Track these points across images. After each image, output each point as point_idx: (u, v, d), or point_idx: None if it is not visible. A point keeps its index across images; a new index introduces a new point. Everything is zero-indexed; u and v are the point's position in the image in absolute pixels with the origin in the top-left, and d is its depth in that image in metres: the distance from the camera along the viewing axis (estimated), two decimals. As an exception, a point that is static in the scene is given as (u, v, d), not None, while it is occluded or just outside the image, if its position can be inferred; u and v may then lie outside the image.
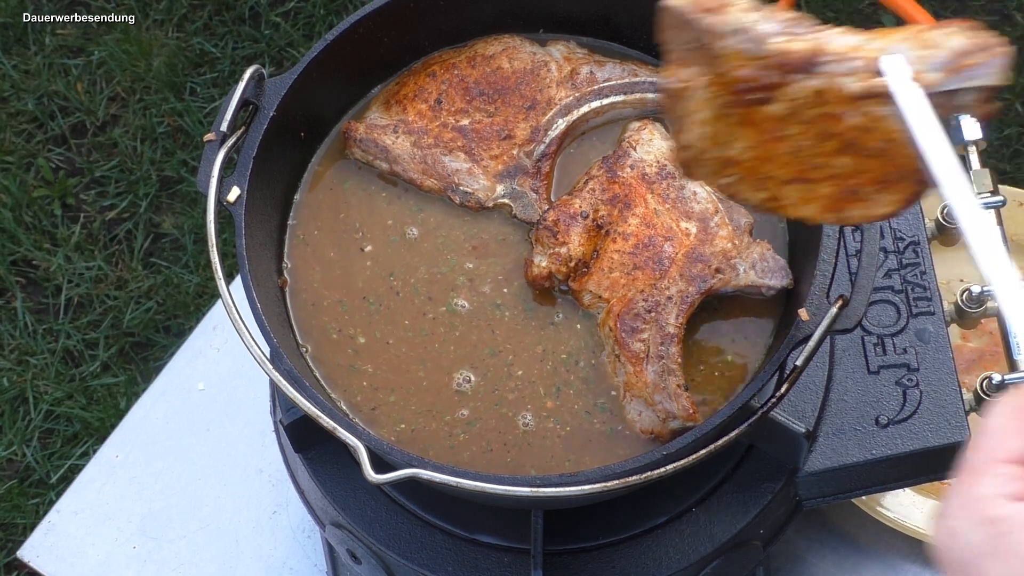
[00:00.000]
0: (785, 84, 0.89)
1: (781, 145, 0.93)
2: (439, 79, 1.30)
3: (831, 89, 0.87)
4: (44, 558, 1.81)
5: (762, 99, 0.90)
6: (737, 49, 0.89)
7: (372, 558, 1.27)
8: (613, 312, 1.15)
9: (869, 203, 0.95)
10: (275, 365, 1.06)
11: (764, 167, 0.96)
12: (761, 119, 0.91)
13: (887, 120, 0.88)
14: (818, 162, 0.93)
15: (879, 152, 0.91)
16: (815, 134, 0.91)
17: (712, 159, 0.97)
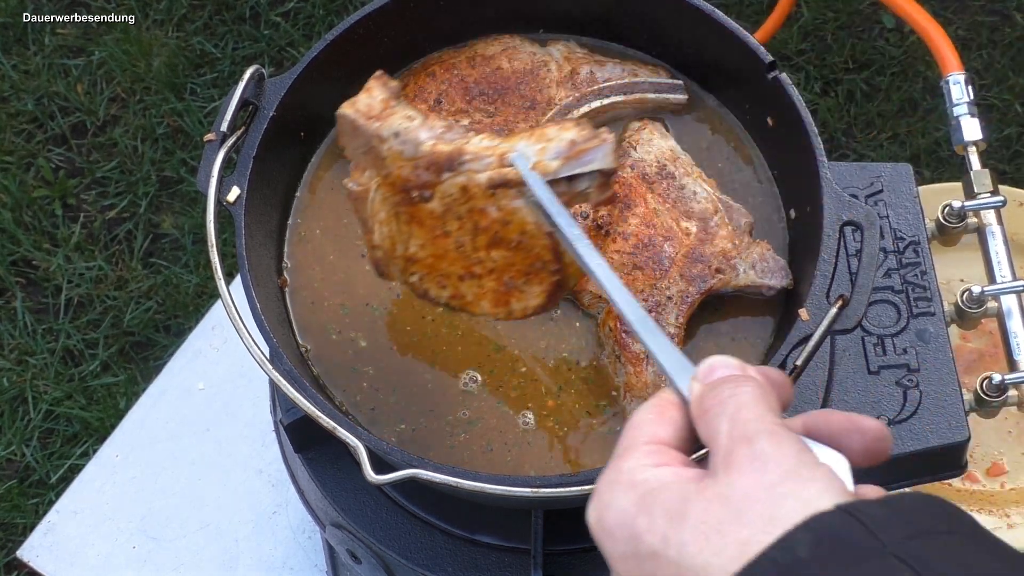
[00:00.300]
0: (438, 183, 1.00)
1: (447, 241, 1.02)
2: (439, 79, 1.30)
3: (472, 184, 0.98)
4: (44, 558, 1.81)
5: (422, 197, 1.01)
6: (397, 151, 1.01)
7: (372, 558, 1.27)
8: (613, 312, 1.15)
9: (524, 295, 1.03)
10: (275, 365, 1.06)
11: (440, 264, 1.05)
12: (425, 216, 1.02)
13: (519, 212, 0.98)
14: (478, 256, 1.02)
15: (519, 244, 0.99)
16: (470, 229, 1.01)
17: (398, 258, 1.07)
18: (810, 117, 1.15)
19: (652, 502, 0.64)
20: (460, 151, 0.99)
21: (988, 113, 2.56)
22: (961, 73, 1.54)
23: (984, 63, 2.66)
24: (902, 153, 2.54)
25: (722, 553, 0.59)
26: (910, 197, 1.38)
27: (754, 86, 1.22)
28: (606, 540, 0.66)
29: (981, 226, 1.42)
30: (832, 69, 2.66)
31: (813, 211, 1.12)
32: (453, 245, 1.03)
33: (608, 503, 0.67)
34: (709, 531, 0.60)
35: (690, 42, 1.29)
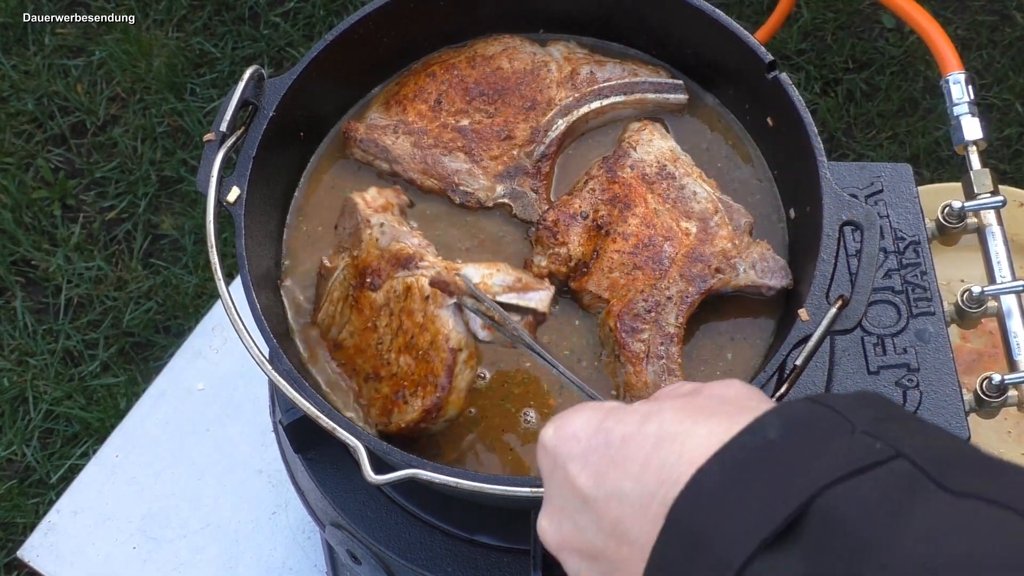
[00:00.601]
0: (391, 276, 1.10)
1: (372, 336, 1.12)
2: (439, 79, 1.30)
3: (416, 285, 1.07)
4: (44, 558, 1.81)
5: (372, 285, 1.11)
6: (375, 238, 1.12)
7: (372, 558, 1.27)
8: (613, 312, 1.15)
9: (405, 409, 1.09)
10: (275, 365, 1.06)
11: (356, 358, 1.14)
12: (366, 305, 1.11)
13: (439, 320, 1.06)
14: (389, 358, 1.10)
15: (424, 355, 1.07)
16: (394, 328, 1.09)
17: (329, 339, 1.16)
18: (810, 117, 1.15)
19: (622, 410, 0.67)
20: (421, 256, 1.09)
21: (988, 113, 2.56)
22: (961, 73, 1.54)
23: (984, 63, 2.66)
24: (902, 153, 2.54)
25: (703, 432, 0.61)
26: (910, 197, 1.38)
27: (754, 86, 1.22)
28: (563, 444, 0.69)
29: (981, 226, 1.42)
30: (832, 69, 2.66)
31: (813, 211, 1.12)
32: (374, 341, 1.12)
33: (571, 417, 0.70)
34: (687, 415, 0.63)
35: (690, 42, 1.29)
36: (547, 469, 0.71)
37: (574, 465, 0.67)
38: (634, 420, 0.66)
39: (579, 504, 0.66)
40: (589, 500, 0.65)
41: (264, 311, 1.09)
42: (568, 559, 0.69)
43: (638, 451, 0.64)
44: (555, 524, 0.69)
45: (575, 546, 0.67)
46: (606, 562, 0.64)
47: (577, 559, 0.68)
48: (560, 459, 0.69)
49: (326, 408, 1.04)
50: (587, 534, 0.66)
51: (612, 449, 0.65)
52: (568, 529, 0.68)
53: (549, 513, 0.70)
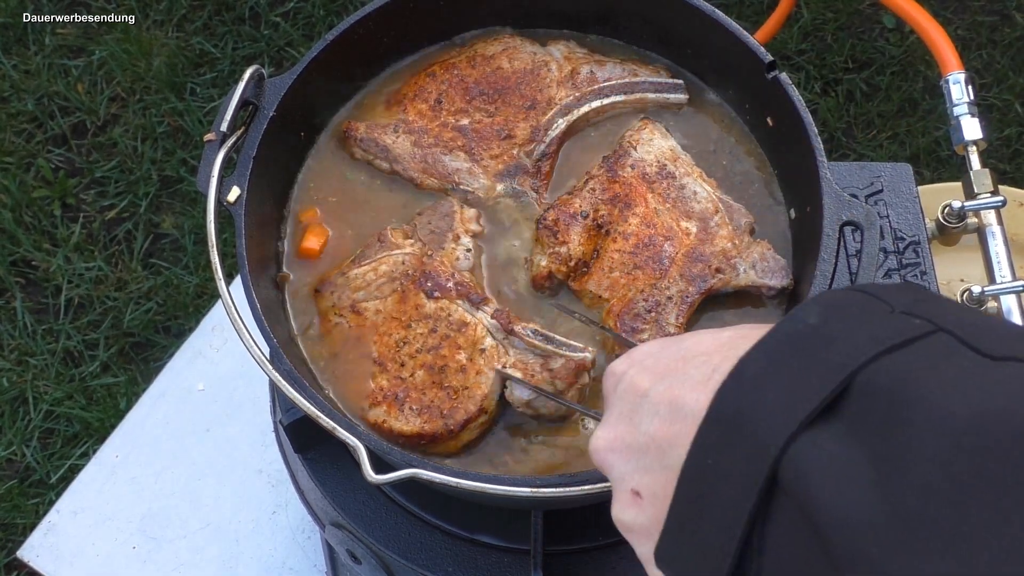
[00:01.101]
0: (453, 300, 1.14)
1: (400, 330, 1.14)
2: (439, 79, 1.30)
3: (474, 328, 1.12)
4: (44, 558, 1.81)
5: (428, 292, 1.14)
6: (456, 256, 1.17)
7: (372, 558, 1.27)
8: (613, 312, 1.15)
9: (399, 415, 1.11)
10: (275, 365, 1.06)
11: (370, 333, 1.15)
12: (413, 302, 1.14)
13: (482, 376, 1.10)
14: (404, 360, 1.12)
15: (450, 389, 1.10)
16: (430, 344, 1.12)
17: (348, 297, 1.17)
18: (810, 117, 1.15)
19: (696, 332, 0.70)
20: (488, 300, 1.14)
21: (988, 113, 2.56)
22: (961, 73, 1.54)
23: (984, 63, 2.66)
24: (902, 153, 2.54)
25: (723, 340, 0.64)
26: (910, 197, 1.38)
27: (754, 86, 1.22)
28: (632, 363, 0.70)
29: (981, 226, 1.42)
30: (832, 69, 2.66)
31: (813, 211, 1.12)
32: (399, 337, 1.14)
33: (640, 346, 0.72)
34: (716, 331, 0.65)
35: (690, 42, 1.29)
36: (611, 387, 0.72)
37: (639, 373, 0.69)
38: (708, 332, 0.67)
39: (638, 401, 0.67)
40: (649, 393, 0.66)
41: (264, 311, 1.09)
42: (616, 461, 0.68)
43: (709, 346, 0.65)
44: (610, 429, 0.69)
45: (627, 442, 0.67)
46: (655, 451, 0.64)
47: (625, 458, 0.67)
48: (628, 373, 0.70)
49: (326, 408, 1.03)
50: (641, 426, 0.66)
51: (683, 350, 0.67)
52: (623, 429, 0.68)
53: (605, 423, 0.71)
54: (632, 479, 0.66)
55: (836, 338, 0.57)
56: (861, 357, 0.55)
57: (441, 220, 1.21)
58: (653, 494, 0.64)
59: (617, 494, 0.69)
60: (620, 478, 0.68)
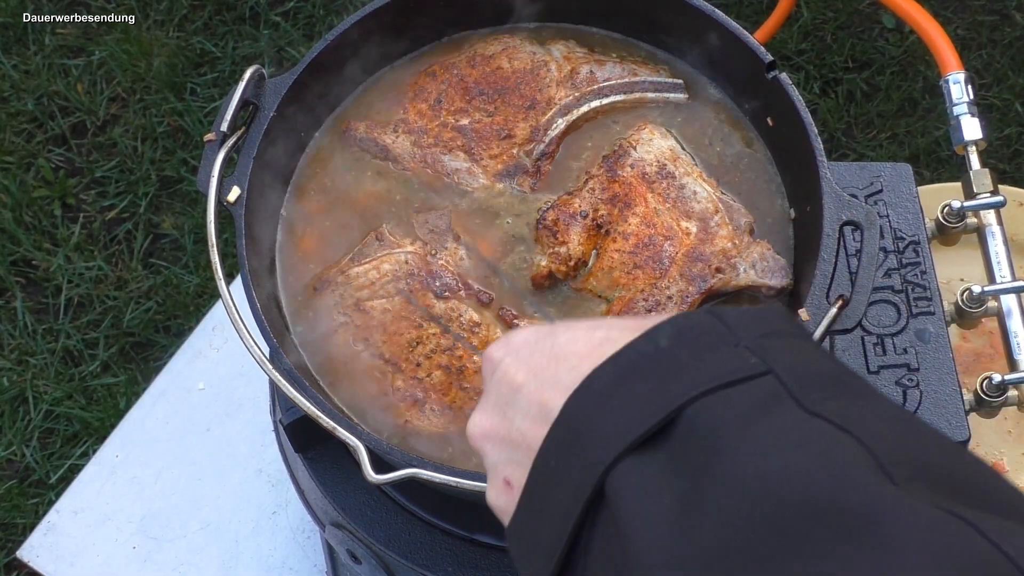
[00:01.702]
0: (462, 301, 1.14)
1: (410, 330, 1.14)
2: (439, 79, 1.30)
3: (488, 330, 1.12)
4: (44, 558, 1.81)
5: (438, 292, 1.14)
6: (460, 256, 1.17)
7: (372, 558, 1.27)
8: (614, 312, 1.15)
9: (420, 415, 1.11)
10: (275, 365, 1.06)
11: (378, 332, 1.14)
12: (422, 303, 1.14)
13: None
14: (419, 360, 1.13)
15: (470, 390, 1.12)
16: (444, 345, 1.12)
17: (351, 297, 1.16)
18: (810, 117, 1.15)
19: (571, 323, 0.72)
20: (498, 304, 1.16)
21: (988, 113, 2.56)
22: (961, 72, 1.54)
23: (984, 62, 2.66)
24: (902, 153, 2.54)
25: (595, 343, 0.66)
26: (910, 197, 1.38)
27: (754, 86, 1.22)
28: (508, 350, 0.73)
29: (981, 226, 1.42)
30: (832, 69, 2.66)
31: (813, 211, 1.12)
32: (411, 338, 1.14)
33: (517, 331, 0.75)
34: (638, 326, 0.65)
35: (690, 42, 1.29)
36: (487, 373, 0.75)
37: (514, 364, 0.71)
38: (583, 327, 0.69)
39: (511, 395, 0.70)
40: (522, 389, 0.69)
41: (264, 310, 1.09)
42: (490, 450, 0.72)
43: (581, 347, 0.67)
44: (485, 416, 0.72)
45: (500, 434, 0.70)
46: (525, 448, 0.67)
47: (499, 449, 0.71)
48: (504, 363, 0.72)
49: (326, 408, 1.04)
50: (514, 422, 0.69)
51: (557, 348, 0.69)
52: (497, 420, 0.71)
53: (481, 408, 0.74)
54: (505, 469, 0.70)
55: (676, 366, 0.59)
56: (692, 391, 0.57)
57: (439, 219, 1.21)
58: (523, 488, 0.68)
59: (491, 480, 0.72)
60: (494, 466, 0.71)
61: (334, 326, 1.16)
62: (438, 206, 1.23)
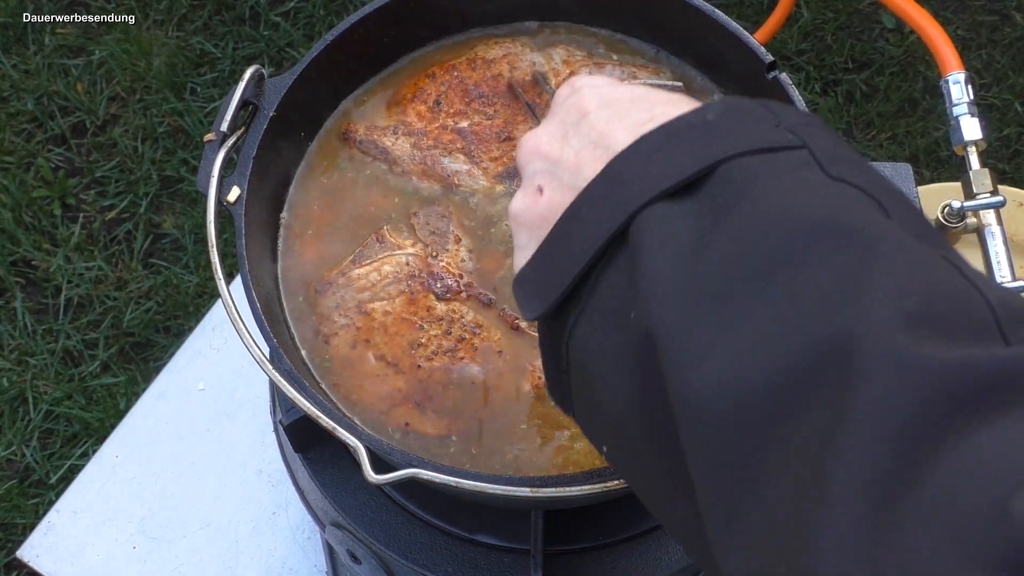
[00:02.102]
0: (464, 302, 1.14)
1: (412, 332, 1.14)
2: (438, 81, 1.30)
3: (490, 332, 1.12)
4: (44, 558, 1.81)
5: (439, 293, 1.15)
6: (461, 258, 1.18)
7: (372, 558, 1.27)
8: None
9: (425, 422, 1.12)
10: (275, 365, 1.06)
11: (378, 333, 1.14)
12: (423, 303, 1.15)
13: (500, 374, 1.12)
14: (422, 363, 1.13)
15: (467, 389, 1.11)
16: (446, 347, 1.13)
17: (353, 299, 1.16)
18: (810, 117, 1.15)
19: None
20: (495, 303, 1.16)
21: (988, 113, 2.56)
22: (961, 72, 1.54)
23: (984, 63, 2.66)
24: (902, 153, 2.54)
25: (666, 96, 0.72)
26: (910, 197, 1.38)
27: (754, 86, 1.22)
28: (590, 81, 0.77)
29: (981, 226, 1.42)
30: (832, 69, 2.66)
31: (813, 211, 1.12)
32: (413, 339, 1.14)
33: (600, 75, 0.83)
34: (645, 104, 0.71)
35: (690, 42, 1.29)
36: (563, 95, 0.78)
37: (591, 94, 0.74)
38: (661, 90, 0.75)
39: (578, 119, 0.73)
40: (590, 116, 0.72)
41: (264, 311, 1.09)
42: (537, 162, 0.75)
43: (657, 97, 0.72)
44: (545, 133, 0.76)
45: (553, 152, 0.73)
46: (572, 169, 0.70)
47: (546, 163, 0.74)
48: (582, 91, 0.75)
49: (326, 408, 1.04)
50: (571, 142, 0.72)
51: (635, 92, 0.73)
52: (555, 139, 0.74)
53: (544, 125, 0.77)
54: (543, 179, 0.73)
55: (720, 134, 0.64)
56: (730, 151, 0.62)
57: (440, 221, 1.21)
58: (551, 200, 0.72)
59: (525, 187, 0.75)
60: (533, 174, 0.75)
61: (335, 328, 1.16)
62: (438, 208, 1.23)
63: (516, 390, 1.13)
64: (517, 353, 1.14)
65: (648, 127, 0.67)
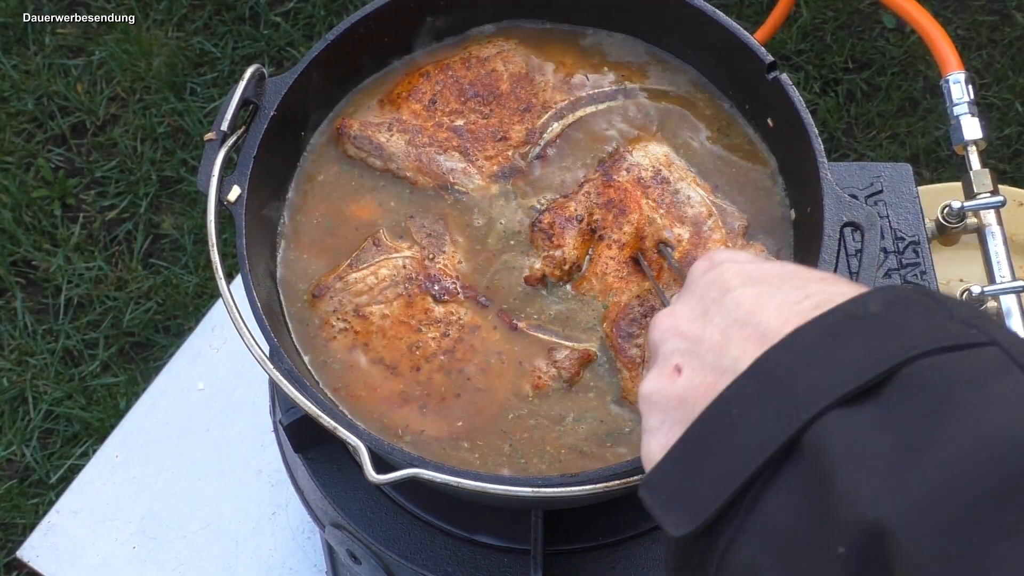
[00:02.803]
0: (461, 304, 1.15)
1: (410, 335, 1.14)
2: (433, 79, 1.30)
3: (488, 333, 1.14)
4: (44, 558, 1.81)
5: (437, 295, 1.15)
6: (459, 259, 1.18)
7: (372, 558, 1.27)
8: (609, 318, 1.15)
9: (425, 418, 1.12)
10: (275, 365, 1.06)
11: (377, 337, 1.15)
12: (420, 306, 1.15)
13: (500, 375, 1.13)
14: (421, 364, 1.13)
15: (469, 384, 1.12)
16: (444, 347, 1.13)
17: (350, 303, 1.16)
18: (810, 117, 1.15)
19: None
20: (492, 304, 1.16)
21: (988, 112, 2.56)
22: (961, 72, 1.54)
23: (984, 62, 2.66)
24: (902, 153, 2.54)
25: (819, 274, 0.67)
26: (910, 197, 1.39)
27: (754, 86, 1.22)
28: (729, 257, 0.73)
29: (981, 226, 1.42)
30: (832, 69, 2.66)
31: (814, 212, 1.12)
32: (411, 342, 1.14)
33: (737, 251, 0.75)
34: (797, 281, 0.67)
35: (690, 42, 1.29)
36: (700, 271, 0.74)
37: (733, 268, 0.70)
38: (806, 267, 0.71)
39: (720, 295, 0.68)
40: (734, 292, 0.67)
41: (264, 310, 1.09)
42: (674, 340, 0.70)
43: (809, 274, 0.68)
44: (684, 309, 0.71)
45: (693, 330, 0.68)
46: (715, 348, 0.65)
47: (684, 340, 0.69)
48: (723, 266, 0.71)
49: (326, 408, 1.03)
50: (714, 319, 0.67)
51: (783, 269, 0.69)
52: (695, 316, 0.69)
53: (682, 301, 0.73)
54: (681, 359, 0.68)
55: (892, 328, 0.58)
56: (913, 350, 0.56)
57: (436, 223, 1.21)
58: (691, 382, 0.66)
59: (660, 365, 0.70)
60: (670, 353, 0.70)
61: (333, 332, 1.16)
62: (434, 208, 1.23)
63: (515, 390, 1.13)
64: (515, 353, 1.14)
65: (801, 308, 0.62)
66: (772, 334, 0.62)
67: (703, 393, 0.64)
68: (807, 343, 0.60)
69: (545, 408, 1.13)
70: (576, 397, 1.13)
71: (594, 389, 1.14)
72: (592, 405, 1.13)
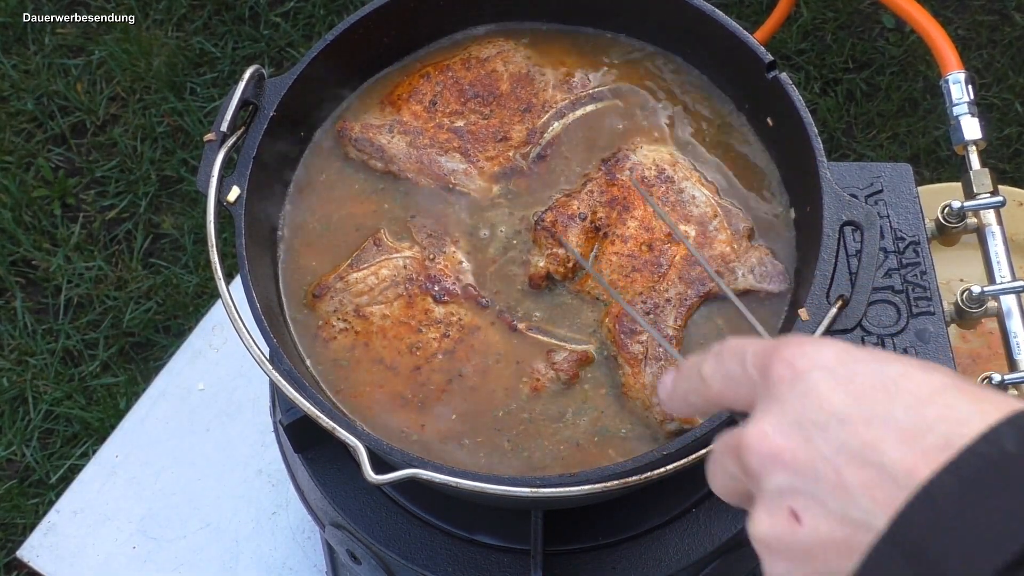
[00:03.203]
0: (461, 304, 1.16)
1: (411, 335, 1.15)
2: (433, 80, 1.30)
3: (487, 334, 1.14)
4: (44, 558, 1.81)
5: (437, 296, 1.16)
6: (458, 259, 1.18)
7: (372, 558, 1.27)
8: (612, 314, 1.15)
9: (424, 419, 1.12)
10: (275, 365, 1.06)
11: (378, 337, 1.15)
12: (420, 306, 1.16)
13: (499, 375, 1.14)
14: (421, 365, 1.14)
15: (468, 384, 1.13)
16: (444, 348, 1.14)
17: (355, 303, 1.17)
18: (810, 117, 1.15)
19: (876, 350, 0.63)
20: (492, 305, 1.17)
21: (988, 112, 2.56)
22: (961, 72, 1.54)
23: (984, 62, 2.66)
24: (902, 153, 2.54)
25: (935, 386, 0.58)
26: (910, 197, 1.38)
27: (754, 86, 1.22)
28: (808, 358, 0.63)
29: (981, 226, 1.42)
30: (832, 69, 2.66)
31: (813, 211, 1.12)
32: (411, 342, 1.14)
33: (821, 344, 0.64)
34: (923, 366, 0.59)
35: (690, 42, 1.29)
36: (782, 378, 0.63)
37: (827, 380, 0.61)
38: (912, 362, 0.61)
39: (823, 419, 0.60)
40: (842, 417, 0.59)
41: (264, 311, 1.09)
42: (777, 472, 0.61)
43: (919, 384, 0.59)
44: (779, 432, 0.61)
45: (799, 460, 0.60)
46: (838, 491, 0.58)
47: (790, 475, 0.60)
48: (811, 375, 0.61)
49: (326, 408, 1.03)
50: (822, 449, 0.59)
51: (885, 376, 0.60)
52: (797, 441, 0.60)
53: (772, 420, 0.62)
54: (795, 500, 0.60)
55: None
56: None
57: (437, 223, 1.21)
58: (817, 532, 0.59)
59: (768, 506, 0.62)
60: (779, 492, 0.61)
61: (334, 332, 1.16)
62: (435, 209, 1.23)
63: (515, 390, 1.13)
64: (515, 354, 1.14)
65: (927, 445, 0.56)
66: (901, 480, 0.56)
67: (835, 550, 0.58)
68: (947, 501, 0.54)
69: (542, 407, 1.13)
70: (575, 397, 1.13)
71: (590, 383, 1.14)
72: (592, 405, 1.13)
